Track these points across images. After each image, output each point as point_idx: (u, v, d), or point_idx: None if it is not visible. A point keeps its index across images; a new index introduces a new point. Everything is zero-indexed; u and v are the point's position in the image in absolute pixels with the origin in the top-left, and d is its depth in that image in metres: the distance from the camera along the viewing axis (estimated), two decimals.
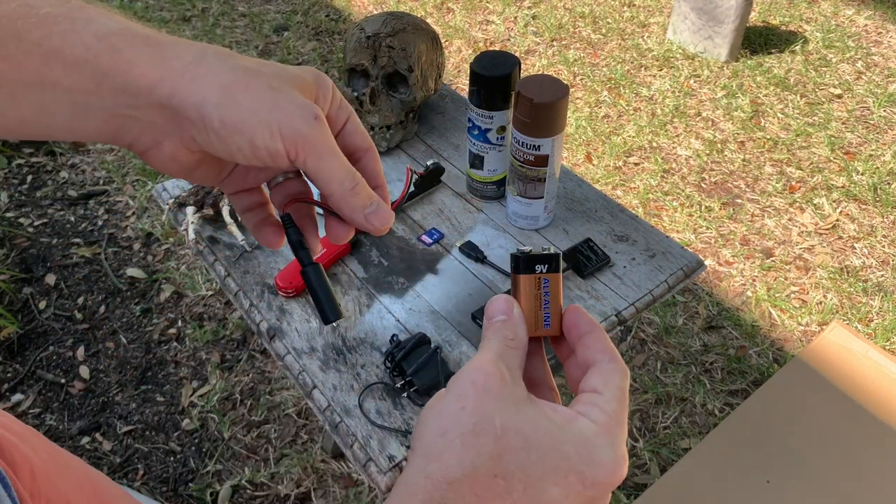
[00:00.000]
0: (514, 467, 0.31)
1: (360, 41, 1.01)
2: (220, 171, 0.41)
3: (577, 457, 0.32)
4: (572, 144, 2.27)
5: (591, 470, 0.32)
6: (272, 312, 0.85)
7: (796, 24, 2.92)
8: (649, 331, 1.70)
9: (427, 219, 0.97)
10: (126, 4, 3.10)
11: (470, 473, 0.31)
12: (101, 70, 0.33)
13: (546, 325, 0.37)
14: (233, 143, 0.34)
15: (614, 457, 0.33)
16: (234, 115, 0.34)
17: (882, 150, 2.25)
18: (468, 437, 0.31)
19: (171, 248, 1.95)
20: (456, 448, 0.31)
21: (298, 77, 0.36)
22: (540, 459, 0.31)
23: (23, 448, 0.47)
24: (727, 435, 1.45)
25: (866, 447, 1.42)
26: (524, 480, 0.31)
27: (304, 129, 0.35)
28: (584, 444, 0.32)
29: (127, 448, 1.51)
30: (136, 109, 0.34)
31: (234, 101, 0.34)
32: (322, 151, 0.35)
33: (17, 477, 0.46)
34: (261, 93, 0.34)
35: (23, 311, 1.79)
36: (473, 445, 0.31)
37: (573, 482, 0.32)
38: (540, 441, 0.32)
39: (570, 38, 2.87)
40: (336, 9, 3.08)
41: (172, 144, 0.36)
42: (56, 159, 2.27)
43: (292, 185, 0.42)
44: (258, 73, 0.35)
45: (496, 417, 0.32)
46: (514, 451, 0.31)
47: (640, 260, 0.90)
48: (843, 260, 1.88)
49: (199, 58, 0.34)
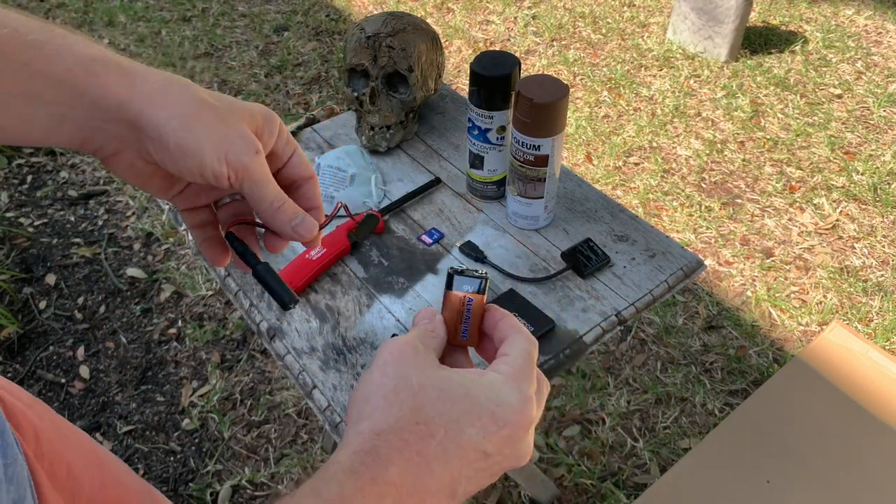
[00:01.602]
0: (433, 414, 0.37)
1: (360, 41, 1.01)
2: (172, 187, 0.46)
3: (486, 400, 0.38)
4: (572, 144, 2.27)
5: (500, 410, 0.38)
6: (272, 312, 0.85)
7: (796, 24, 2.92)
8: (649, 331, 1.70)
9: (427, 219, 0.97)
10: (126, 5, 3.10)
11: (394, 424, 0.36)
12: (78, 88, 0.38)
13: (464, 336, 0.44)
14: (183, 164, 0.40)
15: (520, 398, 0.38)
16: (188, 140, 0.39)
17: (882, 150, 2.25)
18: (390, 395, 0.38)
19: (171, 247, 1.95)
20: (380, 406, 0.37)
21: (248, 113, 0.42)
22: (454, 406, 0.37)
23: (29, 414, 0.50)
24: (727, 435, 1.45)
25: (866, 447, 1.42)
26: (444, 424, 0.37)
27: (246, 159, 0.40)
28: (492, 390, 0.38)
29: (127, 448, 1.51)
30: (105, 123, 0.40)
31: (189, 129, 0.39)
32: (258, 178, 0.41)
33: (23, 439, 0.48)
34: (213, 124, 0.40)
35: (23, 311, 1.79)
36: (395, 402, 0.37)
37: (487, 422, 0.37)
38: (453, 392, 0.38)
39: (570, 38, 2.87)
40: (336, 9, 3.08)
41: (131, 154, 0.42)
42: (56, 159, 2.27)
43: (237, 205, 0.48)
44: (212, 107, 0.40)
45: (412, 377, 0.38)
46: (432, 401, 0.37)
47: (640, 260, 0.90)
48: (843, 260, 1.88)
49: (164, 86, 0.40)
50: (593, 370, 1.61)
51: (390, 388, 0.38)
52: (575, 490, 1.39)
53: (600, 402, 1.55)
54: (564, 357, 0.79)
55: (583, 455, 1.45)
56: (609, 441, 1.47)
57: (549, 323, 0.81)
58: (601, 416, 1.52)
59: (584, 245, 0.89)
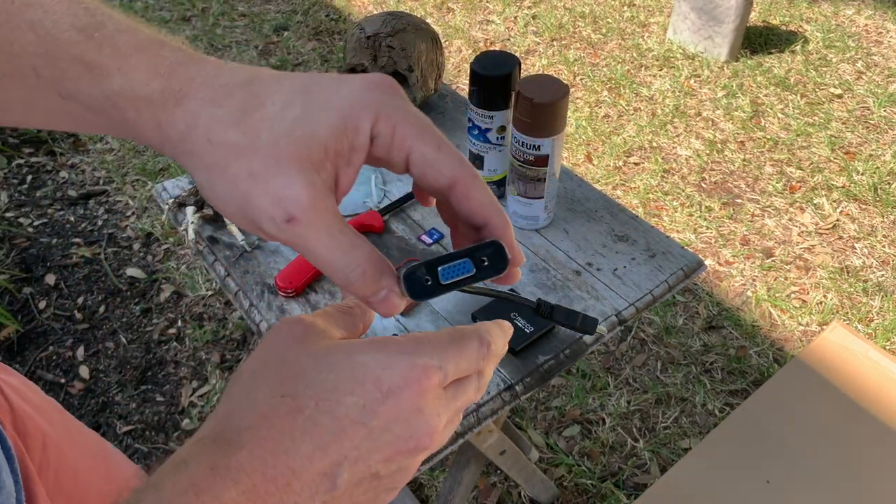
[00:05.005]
0: (303, 386, 0.30)
1: (360, 41, 1.01)
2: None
3: (373, 362, 0.31)
4: (572, 144, 2.27)
5: (387, 374, 0.31)
6: (272, 312, 0.85)
7: (796, 24, 2.91)
8: (649, 331, 1.70)
9: (427, 219, 0.97)
10: (126, 4, 3.10)
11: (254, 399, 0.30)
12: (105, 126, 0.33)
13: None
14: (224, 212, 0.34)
15: (412, 362, 0.31)
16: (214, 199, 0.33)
17: (882, 150, 2.24)
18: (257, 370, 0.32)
19: (171, 248, 1.95)
20: (243, 382, 0.32)
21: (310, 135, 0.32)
22: (332, 374, 0.31)
23: (38, 419, 0.48)
24: (727, 435, 1.45)
25: (866, 447, 1.42)
26: (315, 396, 0.30)
27: (273, 231, 0.32)
28: (382, 352, 0.32)
29: (127, 448, 1.51)
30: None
31: (212, 188, 0.32)
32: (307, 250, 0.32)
33: (29, 448, 0.47)
34: (236, 183, 0.31)
35: (23, 311, 1.79)
36: (261, 375, 0.31)
37: (370, 389, 0.30)
38: (333, 357, 0.31)
39: (570, 38, 2.87)
40: (336, 9, 3.08)
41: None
42: (56, 159, 2.27)
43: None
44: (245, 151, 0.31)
45: (290, 350, 0.32)
46: (305, 371, 0.31)
47: (640, 260, 0.90)
48: (844, 260, 1.88)
49: (190, 127, 0.32)
50: (593, 370, 1.61)
51: (258, 364, 0.32)
52: (575, 490, 1.39)
53: (600, 402, 1.55)
54: (564, 357, 0.79)
55: (583, 455, 1.45)
56: (609, 441, 1.47)
57: (549, 323, 0.81)
58: (601, 416, 1.52)
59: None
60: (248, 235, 0.94)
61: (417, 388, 0.31)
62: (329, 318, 0.35)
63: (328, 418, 0.30)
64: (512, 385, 0.76)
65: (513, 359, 0.78)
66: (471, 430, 0.74)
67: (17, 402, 0.48)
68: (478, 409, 0.74)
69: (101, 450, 0.59)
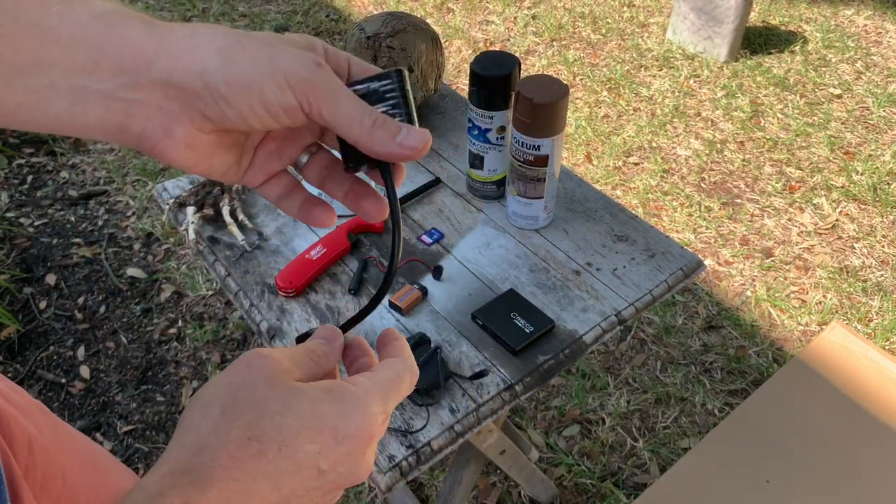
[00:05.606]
0: (269, 430, 0.33)
1: (360, 41, 1.01)
2: (241, 158, 0.40)
3: (332, 414, 0.34)
4: (572, 144, 2.27)
5: (343, 423, 0.34)
6: (272, 312, 0.85)
7: (796, 24, 2.92)
8: (649, 331, 1.70)
9: (427, 219, 0.97)
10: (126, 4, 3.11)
11: (224, 438, 0.32)
12: (97, 47, 0.33)
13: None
14: (244, 104, 0.34)
15: (365, 413, 0.35)
16: (237, 72, 0.33)
17: (882, 150, 2.25)
18: (228, 406, 0.33)
19: (172, 248, 1.96)
20: (214, 417, 0.33)
21: (289, 38, 0.37)
22: (297, 420, 0.33)
23: (23, 422, 0.48)
24: (727, 435, 1.45)
25: (866, 447, 1.42)
26: (279, 441, 0.33)
27: (308, 74, 0.34)
28: (340, 403, 0.35)
29: (127, 448, 1.51)
30: (137, 91, 0.34)
31: (233, 60, 0.34)
32: (333, 96, 0.35)
33: (14, 450, 0.47)
34: (258, 49, 0.34)
35: (23, 311, 1.79)
36: (231, 413, 0.33)
37: (327, 437, 0.34)
38: (299, 405, 0.34)
39: (569, 38, 2.87)
40: (336, 9, 3.08)
41: (184, 129, 0.35)
42: (56, 159, 2.27)
43: (322, 157, 0.42)
44: (251, 36, 0.35)
45: (259, 389, 0.34)
46: (271, 415, 0.33)
47: (639, 260, 0.90)
48: (843, 260, 1.88)
49: (191, 30, 0.34)
50: (593, 370, 1.61)
51: (230, 400, 0.34)
52: (575, 490, 1.39)
53: (600, 401, 1.55)
54: (564, 357, 0.79)
55: (583, 455, 1.45)
56: (609, 441, 1.48)
57: (549, 322, 0.81)
58: (601, 416, 1.52)
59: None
60: (248, 235, 0.94)
61: (367, 436, 0.35)
62: (294, 359, 0.37)
63: (288, 463, 0.33)
64: (512, 385, 0.76)
65: (513, 359, 0.79)
66: (471, 429, 0.74)
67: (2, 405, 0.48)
68: (478, 409, 0.74)
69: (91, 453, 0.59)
